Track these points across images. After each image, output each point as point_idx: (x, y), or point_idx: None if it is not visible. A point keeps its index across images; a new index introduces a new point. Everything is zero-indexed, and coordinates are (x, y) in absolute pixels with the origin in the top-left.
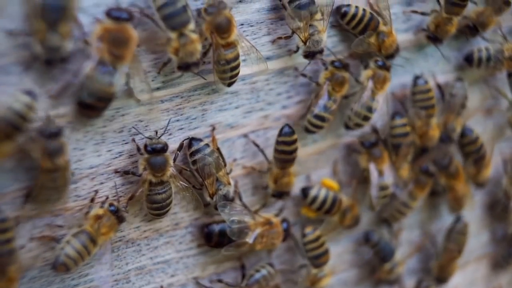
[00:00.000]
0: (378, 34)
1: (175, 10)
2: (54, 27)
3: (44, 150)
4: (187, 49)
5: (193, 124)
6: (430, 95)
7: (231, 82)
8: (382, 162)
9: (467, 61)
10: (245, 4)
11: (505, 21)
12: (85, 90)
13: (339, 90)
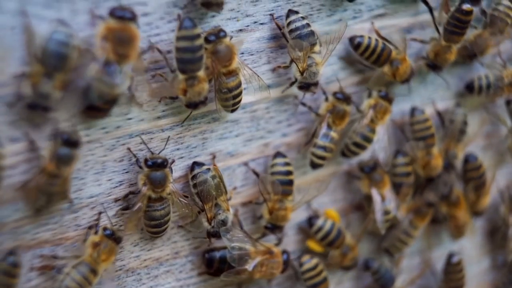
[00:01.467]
0: (391, 63)
1: (193, 58)
2: (50, 74)
3: (55, 154)
4: (195, 90)
5: (194, 152)
6: (428, 125)
7: (233, 109)
8: (383, 186)
9: (467, 90)
10: (245, 33)
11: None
12: (92, 92)
13: (339, 124)
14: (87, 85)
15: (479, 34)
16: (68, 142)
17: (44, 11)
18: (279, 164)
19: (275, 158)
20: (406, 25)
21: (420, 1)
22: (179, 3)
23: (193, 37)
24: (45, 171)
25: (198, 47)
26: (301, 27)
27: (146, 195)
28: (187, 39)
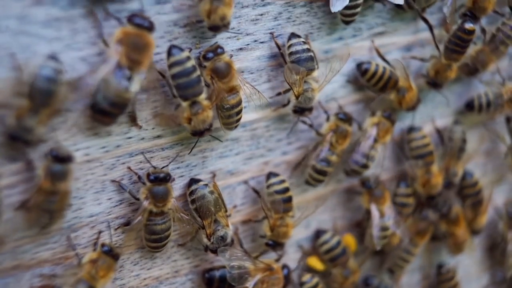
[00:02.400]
0: (398, 90)
1: (189, 81)
2: (36, 109)
3: (48, 171)
4: (199, 118)
5: (194, 171)
6: (426, 142)
7: (236, 126)
8: (383, 202)
9: (468, 108)
10: (246, 51)
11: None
12: (100, 94)
13: (342, 143)
14: (96, 87)
15: (480, 49)
16: (58, 158)
17: (43, 30)
18: (275, 183)
19: (269, 179)
20: (406, 43)
21: (419, 19)
22: (179, 22)
23: (183, 61)
24: (42, 189)
25: (191, 69)
26: (301, 51)
27: (147, 209)
28: (177, 64)
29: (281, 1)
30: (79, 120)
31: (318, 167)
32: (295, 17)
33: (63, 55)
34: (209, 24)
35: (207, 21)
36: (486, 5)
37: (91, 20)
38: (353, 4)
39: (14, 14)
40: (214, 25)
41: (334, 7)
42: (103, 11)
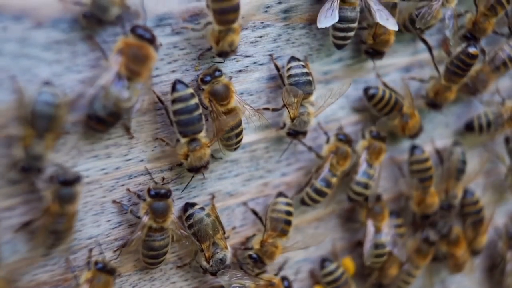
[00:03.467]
0: (401, 116)
1: (191, 118)
2: (41, 135)
3: (56, 194)
4: (196, 155)
5: (193, 193)
6: (428, 166)
7: (236, 148)
8: (382, 219)
9: (468, 129)
10: (245, 73)
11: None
12: (99, 102)
13: (343, 164)
14: (94, 94)
15: (480, 69)
16: (66, 182)
17: (43, 53)
18: (281, 203)
19: (278, 197)
20: (405, 64)
21: (418, 40)
22: (179, 45)
23: (187, 98)
24: (50, 212)
25: (194, 107)
26: (299, 74)
27: (147, 224)
28: (181, 100)
29: (280, 23)
30: (79, 142)
31: (318, 186)
32: (294, 39)
33: (63, 77)
34: (218, 50)
35: (216, 48)
36: (486, 26)
37: (90, 43)
38: (345, 26)
39: (14, 37)
40: (223, 51)
41: (321, 23)
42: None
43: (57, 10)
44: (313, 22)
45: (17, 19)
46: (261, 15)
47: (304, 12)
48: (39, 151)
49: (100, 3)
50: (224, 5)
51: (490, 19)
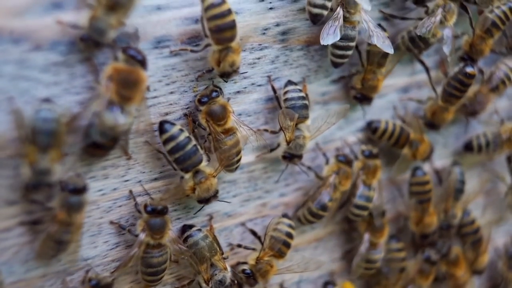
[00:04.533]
0: (411, 144)
1: (186, 153)
2: (44, 151)
3: (65, 202)
4: (203, 187)
5: (191, 213)
6: (428, 188)
7: (236, 168)
8: (380, 236)
9: (467, 149)
10: (243, 94)
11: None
12: (94, 128)
13: (344, 184)
14: (89, 122)
15: (478, 90)
16: (75, 190)
17: (42, 75)
18: (284, 223)
19: (282, 217)
20: (403, 84)
21: (416, 61)
22: (177, 66)
23: (176, 135)
24: (57, 220)
25: (185, 142)
26: (296, 98)
27: (144, 241)
28: (171, 140)
29: (278, 45)
30: (76, 164)
31: (314, 210)
32: (292, 61)
33: (60, 99)
34: (219, 71)
35: (217, 69)
36: (483, 47)
37: (88, 65)
38: (345, 44)
39: (13, 59)
40: (224, 72)
41: (324, 40)
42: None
43: (55, 33)
44: (310, 44)
45: (16, 41)
46: (259, 37)
47: (302, 34)
48: (45, 166)
49: (98, 26)
50: (219, 23)
51: (487, 41)
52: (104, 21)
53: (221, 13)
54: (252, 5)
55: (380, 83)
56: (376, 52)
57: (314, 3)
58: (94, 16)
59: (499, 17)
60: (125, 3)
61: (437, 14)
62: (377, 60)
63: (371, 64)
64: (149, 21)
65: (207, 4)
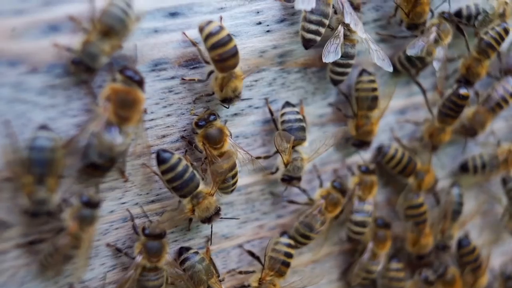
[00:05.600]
0: (416, 174)
1: (183, 183)
2: (41, 180)
3: (78, 215)
4: (202, 207)
5: (188, 235)
6: (422, 211)
7: (232, 190)
8: (382, 247)
9: (462, 170)
10: (240, 116)
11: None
12: (92, 149)
13: (331, 211)
14: (87, 143)
15: (476, 111)
16: (89, 203)
17: (38, 97)
18: (282, 243)
19: (281, 236)
20: (400, 106)
21: (413, 83)
22: (174, 89)
23: (175, 165)
24: (69, 233)
25: (183, 170)
26: (293, 120)
27: (140, 264)
28: (169, 170)
29: (276, 67)
30: (73, 186)
31: (302, 231)
32: (290, 83)
33: (57, 121)
34: (222, 97)
35: (220, 94)
36: (479, 71)
37: (85, 88)
38: (345, 62)
39: (9, 82)
40: (227, 97)
41: (326, 57)
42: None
43: (52, 56)
44: (308, 66)
45: (12, 64)
46: (256, 60)
47: (299, 57)
48: (43, 196)
49: (90, 50)
50: (220, 52)
51: (483, 63)
52: (97, 46)
53: (222, 41)
54: (250, 28)
55: (375, 127)
56: (364, 97)
57: (308, 28)
58: (88, 41)
59: (494, 38)
60: (119, 30)
61: (431, 32)
62: (367, 105)
63: (362, 109)
64: (146, 44)
65: (206, 33)
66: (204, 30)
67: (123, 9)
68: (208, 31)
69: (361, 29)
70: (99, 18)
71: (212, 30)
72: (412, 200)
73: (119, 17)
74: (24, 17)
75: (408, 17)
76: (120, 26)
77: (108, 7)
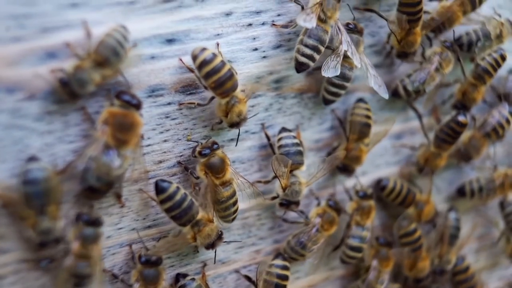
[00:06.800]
0: (416, 204)
1: (182, 211)
2: (42, 211)
3: (80, 235)
4: (203, 234)
5: (184, 260)
6: (416, 237)
7: (233, 218)
8: (386, 265)
9: (459, 194)
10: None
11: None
12: (90, 172)
13: (327, 229)
14: (85, 167)
15: (472, 136)
16: (90, 222)
17: (35, 124)
18: (276, 266)
19: (275, 258)
20: (397, 131)
21: (409, 108)
22: (170, 115)
23: (173, 195)
24: (74, 253)
25: (182, 199)
26: (290, 145)
27: None
28: (168, 200)
29: (272, 92)
30: (70, 212)
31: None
32: (286, 108)
33: (54, 147)
34: (229, 122)
35: (225, 120)
36: (475, 96)
37: (82, 114)
38: (340, 83)
39: (6, 108)
40: (233, 122)
41: (325, 71)
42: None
43: (49, 82)
44: (304, 92)
45: (10, 91)
46: (253, 85)
47: (295, 82)
48: (47, 226)
49: (80, 77)
50: (215, 78)
51: (479, 88)
52: (88, 74)
53: (215, 68)
54: (246, 54)
55: (363, 154)
56: (357, 121)
57: (303, 52)
58: (81, 66)
59: (490, 64)
60: (113, 61)
61: (434, 62)
62: (359, 130)
63: (354, 133)
64: (143, 70)
65: (199, 62)
66: (198, 58)
67: (119, 41)
68: (202, 59)
69: (357, 59)
70: (95, 47)
71: (206, 58)
72: (404, 227)
73: (114, 49)
74: (21, 44)
75: (400, 44)
76: (114, 58)
77: (105, 38)
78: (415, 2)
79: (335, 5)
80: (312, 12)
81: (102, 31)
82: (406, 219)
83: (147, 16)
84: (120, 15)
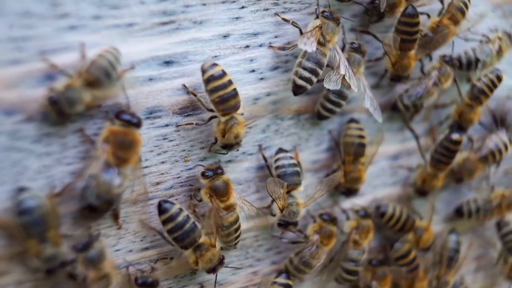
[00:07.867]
0: (415, 231)
1: (184, 233)
2: (43, 238)
3: (85, 261)
4: (205, 259)
5: (182, 282)
6: (412, 257)
7: (236, 243)
8: (384, 284)
9: (457, 214)
10: (234, 163)
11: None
12: (90, 191)
13: (327, 244)
14: (85, 185)
15: (467, 157)
16: (86, 246)
17: (33, 146)
18: (280, 284)
19: (278, 276)
20: (393, 152)
21: (406, 129)
22: (168, 136)
23: (175, 216)
24: (93, 280)
25: (184, 221)
26: (287, 165)
27: None
28: (170, 220)
29: (269, 114)
30: (68, 232)
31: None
32: (283, 129)
33: (52, 169)
34: (223, 143)
35: (221, 140)
36: (472, 117)
37: (80, 136)
38: (336, 100)
39: (5, 130)
40: (228, 143)
41: (327, 84)
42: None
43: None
44: (301, 113)
45: (8, 113)
46: (250, 107)
47: (292, 104)
48: (50, 252)
49: (70, 95)
50: (221, 93)
51: (475, 109)
52: (78, 93)
53: (222, 84)
54: (243, 76)
55: (362, 173)
56: (350, 142)
57: (301, 75)
58: (71, 85)
59: (487, 85)
60: (104, 82)
61: (432, 77)
62: (353, 151)
63: (349, 155)
64: (141, 92)
65: (207, 76)
66: (207, 73)
67: (111, 62)
68: (210, 74)
69: (354, 83)
70: (87, 67)
71: (215, 74)
72: (398, 251)
73: (106, 70)
74: (20, 66)
75: (394, 67)
76: (105, 79)
77: (96, 58)
78: (414, 22)
79: (334, 29)
80: (312, 36)
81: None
82: (398, 243)
83: (145, 38)
84: (118, 37)
